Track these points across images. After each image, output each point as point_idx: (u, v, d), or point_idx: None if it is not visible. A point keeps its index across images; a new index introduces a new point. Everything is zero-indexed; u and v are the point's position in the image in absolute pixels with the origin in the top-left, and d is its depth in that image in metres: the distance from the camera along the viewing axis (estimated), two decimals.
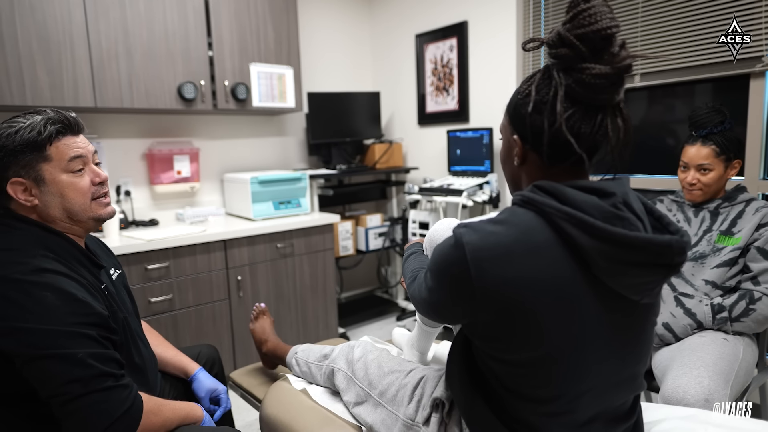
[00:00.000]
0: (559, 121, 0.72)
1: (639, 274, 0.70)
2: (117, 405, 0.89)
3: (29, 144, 0.94)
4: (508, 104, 0.84)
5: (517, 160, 0.83)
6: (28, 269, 0.88)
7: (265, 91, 2.62)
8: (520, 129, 0.80)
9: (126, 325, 1.07)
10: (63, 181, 0.98)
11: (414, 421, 1.00)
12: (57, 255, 0.95)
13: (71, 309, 0.88)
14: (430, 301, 0.83)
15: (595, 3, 0.69)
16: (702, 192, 1.54)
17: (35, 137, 0.94)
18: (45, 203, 0.97)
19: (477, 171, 2.76)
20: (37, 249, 0.93)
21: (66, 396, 0.86)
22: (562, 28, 0.72)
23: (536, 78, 0.77)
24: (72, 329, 0.87)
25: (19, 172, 0.95)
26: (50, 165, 0.97)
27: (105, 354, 0.91)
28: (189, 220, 2.53)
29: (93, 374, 0.87)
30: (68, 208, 0.99)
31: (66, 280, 0.91)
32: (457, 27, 2.87)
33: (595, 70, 0.69)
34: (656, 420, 1.01)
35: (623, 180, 0.77)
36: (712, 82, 2.02)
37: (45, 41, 1.98)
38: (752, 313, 1.39)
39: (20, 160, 0.94)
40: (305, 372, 1.36)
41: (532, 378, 0.76)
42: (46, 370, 0.86)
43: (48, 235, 0.98)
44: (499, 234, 0.72)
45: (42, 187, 0.97)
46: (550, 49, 0.74)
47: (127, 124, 2.49)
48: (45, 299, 0.86)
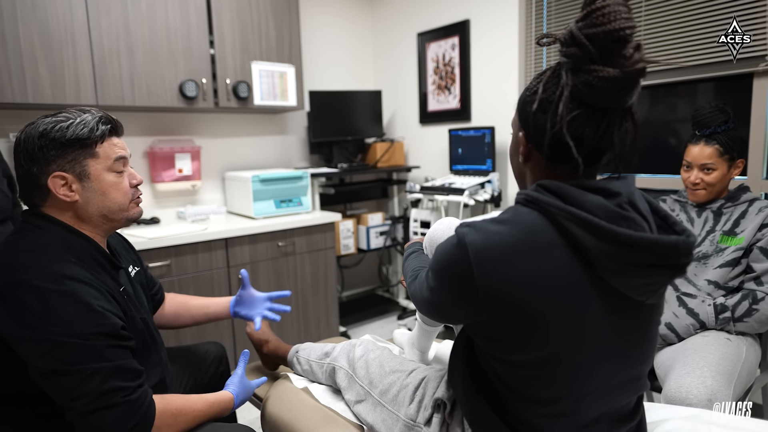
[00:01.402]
0: (561, 122, 0.70)
1: (644, 274, 0.69)
2: (123, 421, 0.88)
3: (80, 140, 0.95)
4: (519, 100, 0.83)
5: (521, 158, 0.82)
6: (48, 275, 0.87)
7: (266, 89, 2.62)
8: (526, 126, 0.79)
9: (145, 326, 1.08)
10: (108, 180, 1.00)
11: (415, 422, 1.00)
12: (79, 258, 0.95)
13: (87, 320, 0.88)
14: (431, 301, 0.83)
15: (611, 1, 0.65)
16: (705, 192, 1.53)
17: (88, 134, 0.96)
18: (86, 199, 0.98)
19: (479, 170, 2.76)
20: (60, 252, 0.93)
21: (72, 411, 0.87)
22: (574, 26, 0.68)
23: (545, 75, 0.75)
24: (85, 342, 0.86)
25: (64, 167, 0.95)
26: (97, 162, 0.98)
27: (118, 366, 0.90)
28: (190, 219, 2.52)
29: (101, 391, 0.86)
30: (108, 206, 1.00)
31: (85, 287, 0.90)
32: (459, 26, 2.86)
33: (603, 73, 0.66)
34: (659, 420, 1.00)
35: (629, 179, 0.76)
36: (715, 82, 2.02)
37: (47, 39, 1.97)
38: (755, 313, 1.39)
39: (68, 154, 0.95)
40: (306, 370, 1.36)
41: (535, 379, 0.75)
42: (56, 383, 0.86)
43: (72, 236, 0.98)
44: (502, 234, 0.71)
45: (85, 183, 0.97)
46: (561, 47, 0.72)
47: (128, 122, 2.48)
48: (61, 309, 0.86)
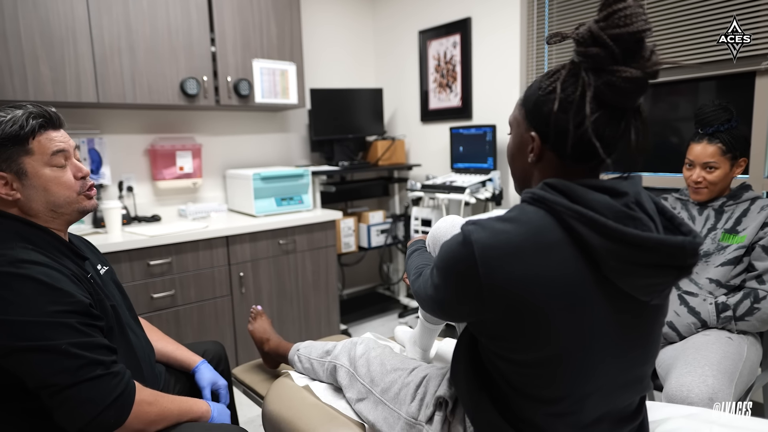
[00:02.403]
0: (587, 123, 0.70)
1: (650, 275, 0.69)
2: (106, 393, 0.88)
3: (11, 137, 0.94)
4: (525, 98, 0.81)
5: (532, 157, 0.80)
6: (6, 261, 0.88)
7: (267, 87, 2.61)
8: (540, 126, 0.77)
9: (115, 313, 1.07)
10: (46, 175, 0.98)
11: (417, 420, 1.00)
12: (37, 246, 0.95)
13: (52, 299, 0.88)
14: (435, 299, 0.82)
15: (630, 3, 0.66)
16: (708, 190, 1.53)
17: (17, 131, 0.94)
18: (27, 197, 0.97)
19: (480, 168, 2.75)
20: (15, 241, 0.93)
21: (54, 387, 0.86)
22: (594, 26, 0.68)
23: (562, 75, 0.74)
24: (54, 319, 0.87)
25: (1, 166, 0.95)
26: (32, 159, 0.96)
27: (91, 342, 0.90)
28: (191, 216, 2.53)
29: (80, 364, 0.87)
30: (52, 201, 0.99)
31: (46, 269, 0.91)
32: (460, 23, 2.86)
33: (627, 74, 0.67)
34: (660, 419, 1.00)
35: (636, 179, 0.75)
36: (716, 80, 2.01)
37: (48, 37, 1.97)
38: (757, 311, 1.38)
39: (2, 153, 0.94)
40: (308, 368, 1.36)
41: (539, 378, 0.75)
42: (31, 363, 0.86)
43: (28, 228, 0.98)
44: (508, 232, 0.71)
45: (24, 181, 0.96)
46: (578, 47, 0.71)
47: (129, 120, 2.48)
48: (24, 290, 0.86)
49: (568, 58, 0.76)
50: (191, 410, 1.06)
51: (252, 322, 1.60)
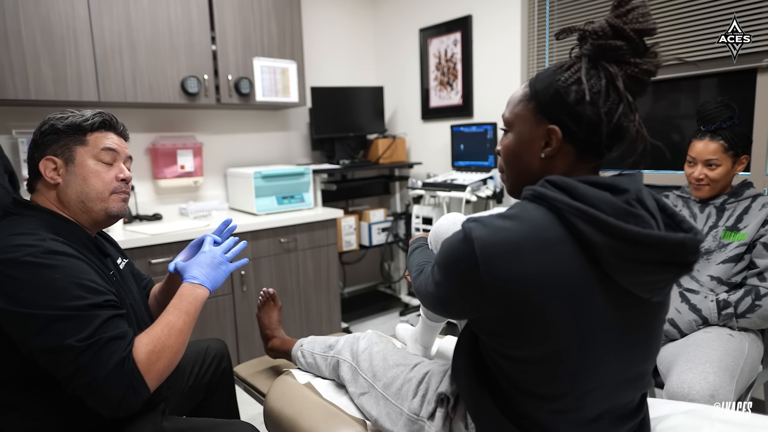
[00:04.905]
0: (618, 111, 0.72)
1: (651, 272, 0.69)
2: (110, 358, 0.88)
3: (73, 127, 1.03)
4: (537, 92, 0.78)
5: (549, 152, 0.78)
6: (38, 251, 0.90)
7: (268, 85, 2.61)
8: (563, 118, 0.76)
9: (132, 311, 1.09)
10: (89, 167, 1.04)
11: (418, 416, 1.00)
12: (66, 240, 0.97)
13: (81, 291, 0.90)
14: (436, 296, 0.83)
15: (643, 2, 0.71)
16: (709, 187, 1.53)
17: (81, 122, 1.04)
18: (66, 182, 1.02)
19: (481, 166, 2.75)
20: (47, 233, 0.95)
21: (83, 378, 0.86)
22: (614, 21, 0.71)
23: (582, 66, 0.74)
24: (81, 313, 0.88)
25: (56, 151, 1.02)
26: (84, 149, 1.04)
27: (115, 325, 0.91)
28: (192, 215, 2.53)
29: (104, 341, 0.88)
30: (86, 193, 1.03)
31: (75, 261, 0.93)
32: (461, 21, 2.86)
33: (646, 66, 0.71)
34: (661, 416, 1.00)
35: (636, 176, 0.75)
36: (718, 77, 2.01)
37: (49, 36, 1.97)
38: (758, 309, 1.38)
39: (61, 140, 1.02)
40: (311, 363, 1.36)
41: (540, 375, 0.75)
42: (58, 354, 0.86)
43: (59, 221, 1.01)
44: (509, 229, 0.71)
45: (70, 167, 1.03)
46: (597, 40, 0.73)
47: (130, 119, 2.48)
48: (54, 282, 0.88)
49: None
50: (188, 311, 1.01)
51: (260, 308, 1.58)
